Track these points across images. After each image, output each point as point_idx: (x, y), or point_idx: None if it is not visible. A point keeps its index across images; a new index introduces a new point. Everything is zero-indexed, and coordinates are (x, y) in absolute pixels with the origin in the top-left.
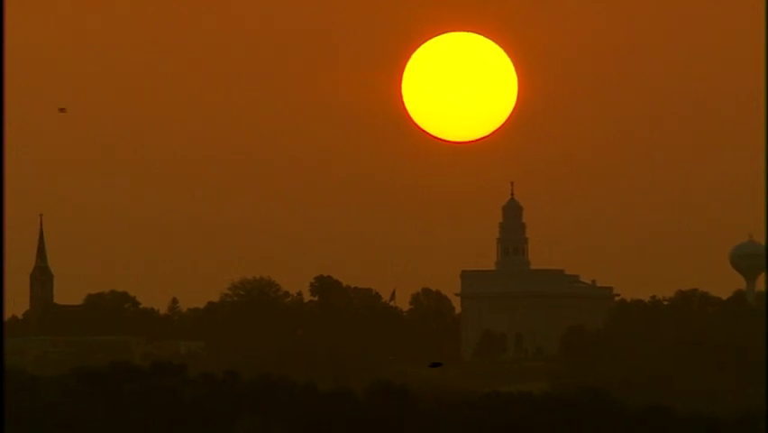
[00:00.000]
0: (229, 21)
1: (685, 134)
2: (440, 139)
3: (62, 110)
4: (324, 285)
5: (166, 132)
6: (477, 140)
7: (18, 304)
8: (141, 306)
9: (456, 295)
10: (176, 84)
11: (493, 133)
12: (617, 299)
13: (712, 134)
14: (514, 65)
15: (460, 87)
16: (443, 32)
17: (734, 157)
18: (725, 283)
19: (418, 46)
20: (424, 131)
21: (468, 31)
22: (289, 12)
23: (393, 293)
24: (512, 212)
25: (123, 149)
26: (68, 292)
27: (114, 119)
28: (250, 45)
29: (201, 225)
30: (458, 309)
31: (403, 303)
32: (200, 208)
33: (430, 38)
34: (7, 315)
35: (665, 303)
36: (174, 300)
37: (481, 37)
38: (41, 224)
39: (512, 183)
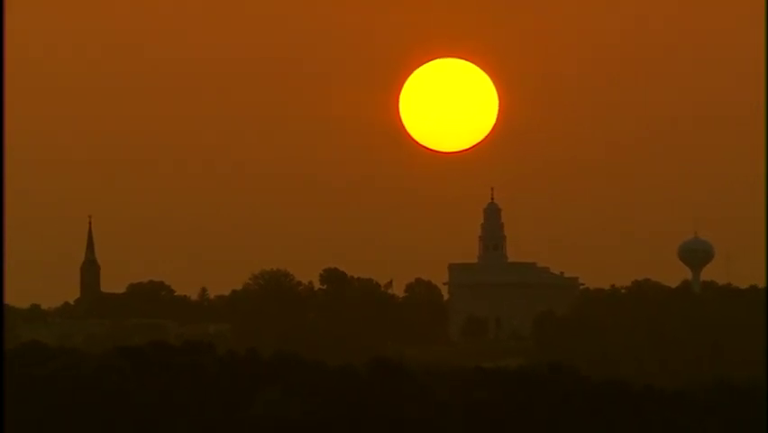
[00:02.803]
0: (245, 46)
1: (642, 151)
2: (431, 149)
3: None
4: (332, 276)
5: (195, 147)
6: (462, 151)
7: (70, 292)
8: (175, 293)
9: (444, 284)
10: (201, 101)
11: (476, 145)
12: (581, 287)
13: (667, 149)
14: (495, 87)
15: (448, 106)
16: (434, 59)
17: (686, 168)
18: (673, 274)
19: (413, 70)
20: (417, 142)
21: (456, 57)
22: (303, 36)
23: (390, 283)
24: (492, 213)
25: (157, 161)
26: (112, 281)
27: (149, 134)
28: (269, 69)
29: (227, 225)
30: (446, 297)
31: (399, 291)
32: (226, 211)
33: (423, 63)
34: (60, 301)
35: (623, 291)
36: (204, 289)
37: (468, 63)
38: (89, 223)
39: (492, 188)
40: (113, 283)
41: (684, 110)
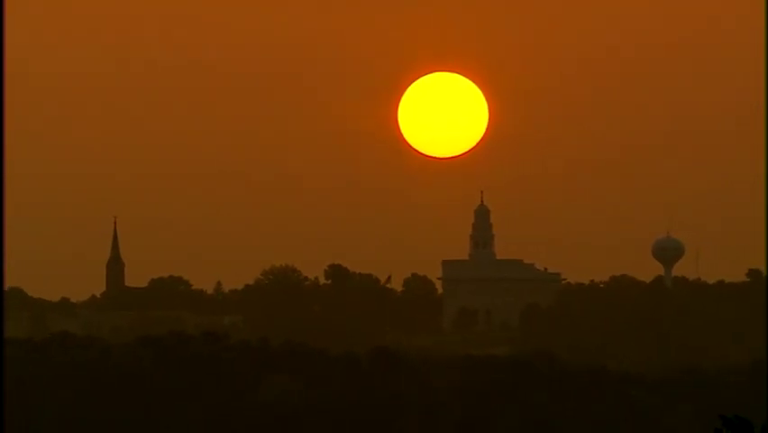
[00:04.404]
0: (253, 66)
1: (619, 158)
2: (426, 155)
3: None
4: (336, 271)
5: (212, 155)
6: (455, 156)
7: (97, 286)
8: (192, 287)
9: (438, 279)
10: (217, 113)
11: (468, 151)
12: (563, 282)
13: (642, 157)
14: (486, 99)
15: (443, 116)
16: (430, 73)
17: (659, 174)
18: (648, 270)
19: (410, 83)
20: (414, 149)
21: (450, 71)
22: (316, 56)
23: (389, 278)
24: (482, 214)
25: (177, 168)
26: (135, 277)
27: (168, 143)
28: (279, 87)
29: (240, 225)
30: (440, 291)
31: (397, 285)
32: (240, 212)
33: (420, 77)
34: (88, 295)
35: (601, 285)
36: (219, 283)
37: (461, 77)
38: (114, 223)
39: (482, 191)
40: (136, 278)
41: (658, 123)
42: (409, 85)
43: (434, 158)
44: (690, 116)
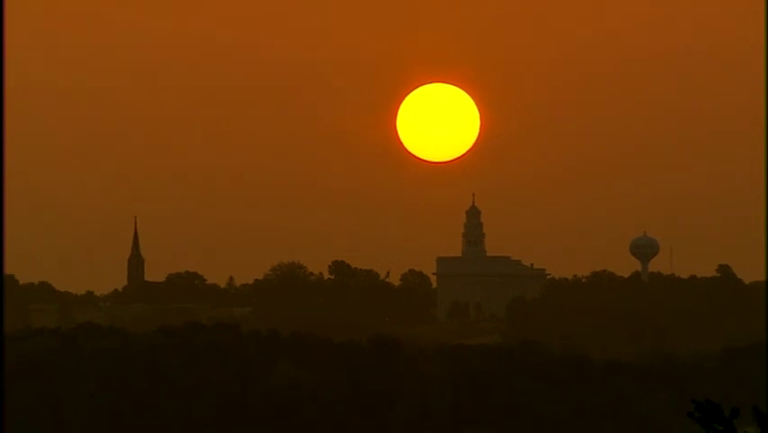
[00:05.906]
0: (263, 79)
1: (601, 163)
2: (422, 160)
3: None
4: (339, 267)
5: (227, 162)
6: (449, 161)
7: (119, 281)
8: (207, 282)
9: (433, 274)
10: (233, 124)
11: (461, 156)
12: (548, 277)
13: (622, 162)
14: (478, 108)
15: (438, 123)
16: (426, 83)
17: (637, 178)
18: (626, 266)
19: (408, 93)
20: (411, 154)
21: (445, 83)
22: (323, 69)
23: (388, 273)
24: (473, 214)
25: (193, 172)
26: (155, 272)
27: (186, 150)
28: (291, 101)
29: (251, 225)
30: (434, 285)
31: (395, 280)
32: (250, 213)
33: (416, 88)
34: (110, 289)
35: (583, 280)
36: (231, 278)
37: (455, 88)
38: (135, 223)
39: (474, 193)
40: (154, 273)
41: (637, 132)
42: (407, 95)
43: (430, 162)
44: (666, 125)
